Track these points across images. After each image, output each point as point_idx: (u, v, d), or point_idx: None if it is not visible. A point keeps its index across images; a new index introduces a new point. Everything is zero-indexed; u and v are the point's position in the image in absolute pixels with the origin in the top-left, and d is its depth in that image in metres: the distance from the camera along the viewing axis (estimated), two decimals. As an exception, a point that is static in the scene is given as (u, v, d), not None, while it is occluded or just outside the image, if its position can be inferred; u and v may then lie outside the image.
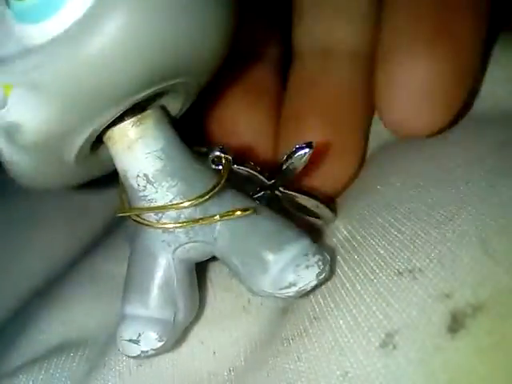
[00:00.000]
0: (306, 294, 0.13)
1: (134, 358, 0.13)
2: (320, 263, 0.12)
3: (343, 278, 0.13)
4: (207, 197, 0.13)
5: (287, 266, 0.12)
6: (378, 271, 0.13)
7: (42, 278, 0.20)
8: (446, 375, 0.09)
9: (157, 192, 0.13)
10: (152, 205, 0.13)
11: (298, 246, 0.13)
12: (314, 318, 0.13)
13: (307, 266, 0.12)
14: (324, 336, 0.12)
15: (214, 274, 0.16)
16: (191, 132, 0.15)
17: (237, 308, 0.15)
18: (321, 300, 0.13)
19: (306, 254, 0.13)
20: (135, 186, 0.13)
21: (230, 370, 0.14)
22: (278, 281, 0.12)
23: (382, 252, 0.13)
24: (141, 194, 0.13)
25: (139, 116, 0.13)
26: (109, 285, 0.17)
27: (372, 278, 0.13)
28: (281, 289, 0.12)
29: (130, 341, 0.13)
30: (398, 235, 0.13)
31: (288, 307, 0.14)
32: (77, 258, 0.20)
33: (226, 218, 0.13)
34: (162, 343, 0.13)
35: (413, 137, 0.16)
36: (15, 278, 0.21)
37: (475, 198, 0.13)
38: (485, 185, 0.13)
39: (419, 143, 0.16)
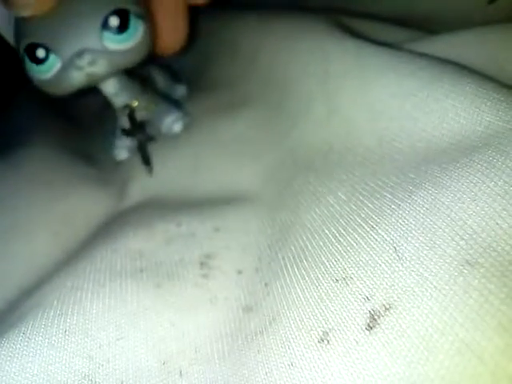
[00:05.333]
0: (267, 296, 0.17)
1: None
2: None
3: (296, 284, 0.16)
4: None
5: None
6: (321, 279, 0.16)
7: (24, 287, 0.21)
8: (361, 366, 0.12)
9: None
10: None
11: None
12: (273, 318, 0.16)
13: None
14: (278, 334, 0.15)
15: (187, 271, 0.19)
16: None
17: (204, 300, 0.18)
18: (278, 303, 0.16)
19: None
20: None
21: (196, 351, 0.16)
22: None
23: (325, 262, 0.16)
24: None
25: None
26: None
27: (317, 284, 0.16)
28: None
29: None
30: (338, 246, 0.16)
31: (251, 306, 0.17)
32: (60, 267, 0.21)
33: None
34: None
35: None
36: None
37: (394, 207, 0.16)
38: (403, 196, 0.16)
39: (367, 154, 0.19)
